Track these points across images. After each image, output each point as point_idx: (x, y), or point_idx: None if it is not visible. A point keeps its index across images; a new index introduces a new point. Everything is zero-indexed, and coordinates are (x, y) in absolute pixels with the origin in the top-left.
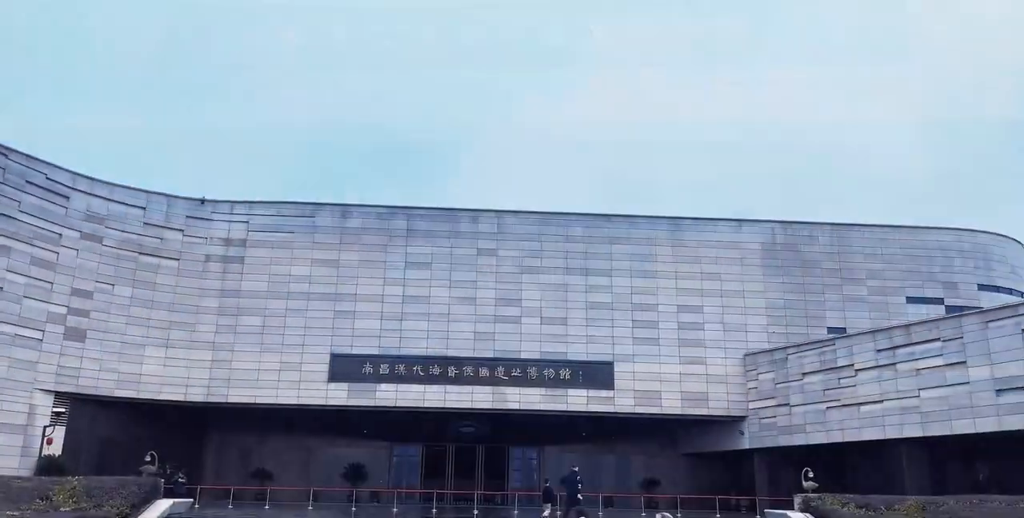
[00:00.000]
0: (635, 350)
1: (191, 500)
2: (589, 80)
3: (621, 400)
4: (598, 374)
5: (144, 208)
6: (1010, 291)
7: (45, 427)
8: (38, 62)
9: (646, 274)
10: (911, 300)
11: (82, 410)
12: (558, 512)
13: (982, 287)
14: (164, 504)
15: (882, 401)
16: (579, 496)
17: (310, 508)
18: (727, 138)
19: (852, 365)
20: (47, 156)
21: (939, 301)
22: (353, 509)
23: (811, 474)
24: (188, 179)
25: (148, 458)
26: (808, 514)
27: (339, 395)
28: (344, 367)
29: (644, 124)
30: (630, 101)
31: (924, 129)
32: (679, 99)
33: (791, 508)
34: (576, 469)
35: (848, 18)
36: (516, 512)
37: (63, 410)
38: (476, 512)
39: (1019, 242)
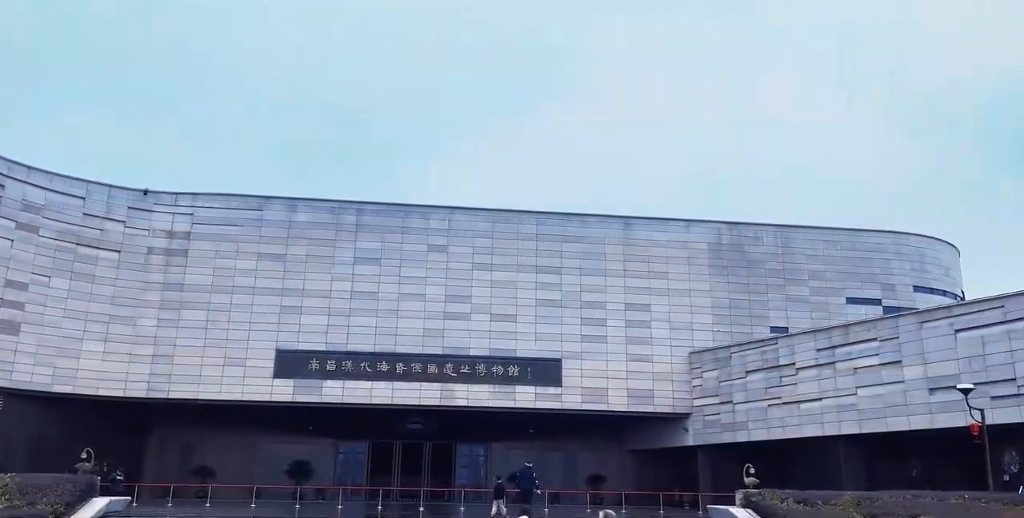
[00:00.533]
0: (583, 348)
1: (129, 498)
2: (587, 80)
3: (568, 397)
4: (546, 371)
5: (84, 198)
6: (944, 293)
7: None
8: (36, 62)
9: (596, 272)
10: (851, 301)
11: (16, 405)
12: (504, 508)
13: (918, 289)
14: (100, 502)
15: (821, 399)
16: (537, 491)
17: (253, 506)
18: (714, 138)
19: (793, 364)
20: (41, 159)
21: (877, 302)
22: (297, 506)
23: (752, 470)
24: (178, 177)
25: (84, 455)
26: (749, 510)
27: (284, 391)
28: (290, 363)
29: (638, 124)
30: (626, 101)
31: (905, 131)
32: (674, 99)
33: (733, 504)
34: (530, 465)
35: (843, 17)
36: (462, 509)
37: None
38: (422, 509)
39: (952, 245)
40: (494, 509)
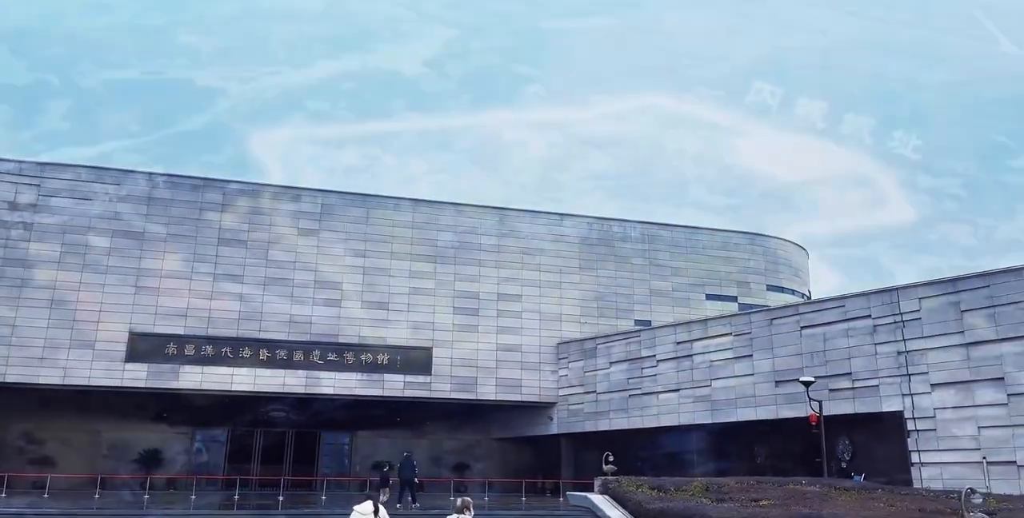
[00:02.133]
0: (454, 336)
1: None
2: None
3: (438, 386)
4: (416, 359)
5: None
6: (793, 292)
7: None
8: None
9: (470, 262)
10: (710, 297)
11: None
12: (383, 497)
13: (770, 287)
14: None
15: (679, 390)
16: (417, 479)
17: (96, 496)
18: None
19: (654, 356)
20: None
21: (733, 299)
22: (146, 497)
23: (611, 458)
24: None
25: None
26: (606, 496)
27: (137, 376)
28: (144, 346)
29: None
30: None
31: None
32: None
33: (592, 490)
34: (409, 453)
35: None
36: (324, 497)
37: None
38: (281, 498)
39: (802, 247)
40: (383, 497)
